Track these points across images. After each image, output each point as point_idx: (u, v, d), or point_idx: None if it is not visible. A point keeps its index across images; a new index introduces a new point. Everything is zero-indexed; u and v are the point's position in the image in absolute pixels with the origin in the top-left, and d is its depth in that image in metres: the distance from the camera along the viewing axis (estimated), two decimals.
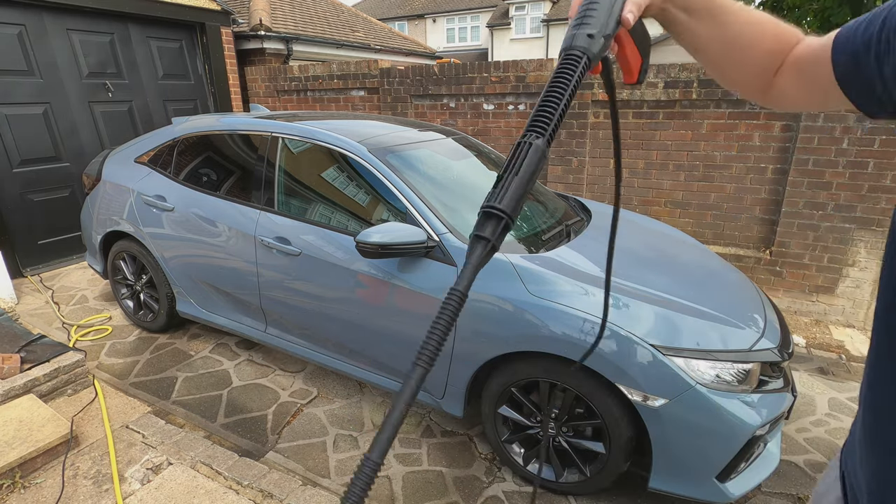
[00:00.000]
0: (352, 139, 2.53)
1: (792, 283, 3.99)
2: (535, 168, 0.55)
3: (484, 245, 0.51)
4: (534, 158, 0.54)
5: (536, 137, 0.54)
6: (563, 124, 4.44)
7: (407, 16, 23.83)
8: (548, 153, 0.54)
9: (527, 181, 0.54)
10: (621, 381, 1.85)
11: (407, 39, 10.39)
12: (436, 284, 2.16)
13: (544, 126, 0.54)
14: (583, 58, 0.57)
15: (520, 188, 0.55)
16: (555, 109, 0.54)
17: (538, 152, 0.54)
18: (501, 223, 0.53)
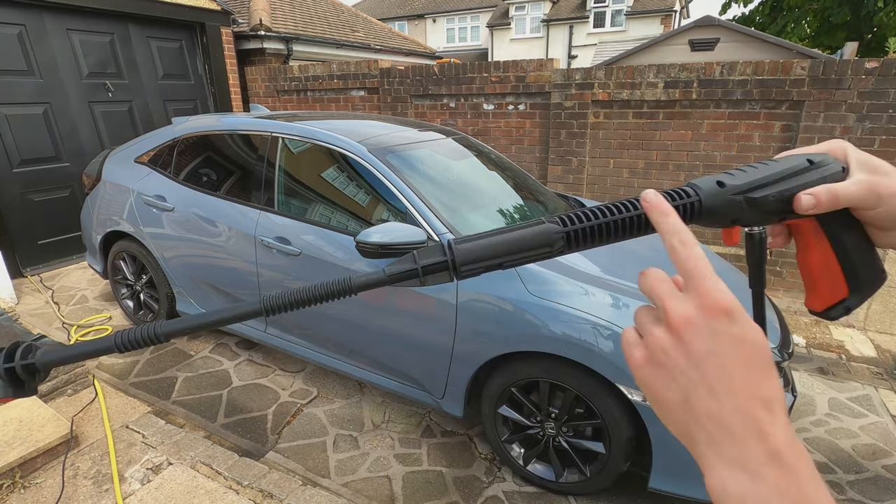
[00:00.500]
0: (352, 139, 2.53)
1: (792, 283, 3.99)
2: (525, 245, 0.42)
3: (411, 271, 0.43)
4: (534, 236, 0.42)
5: (555, 223, 0.42)
6: (563, 123, 4.45)
7: (407, 16, 23.83)
8: (556, 250, 0.42)
9: (504, 250, 0.42)
10: (621, 380, 1.85)
11: (407, 39, 10.39)
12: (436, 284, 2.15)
13: (573, 221, 0.42)
14: (684, 198, 0.44)
15: (490, 249, 0.43)
16: (597, 218, 0.42)
17: (543, 235, 0.41)
18: (441, 265, 0.43)
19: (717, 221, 0.43)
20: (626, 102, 4.19)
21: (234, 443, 2.50)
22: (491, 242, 0.42)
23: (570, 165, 4.55)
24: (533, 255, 0.42)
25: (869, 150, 2.17)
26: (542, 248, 0.42)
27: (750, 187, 0.42)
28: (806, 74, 3.53)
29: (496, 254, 0.43)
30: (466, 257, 0.42)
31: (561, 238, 0.41)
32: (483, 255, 0.42)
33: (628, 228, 0.43)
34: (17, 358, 0.41)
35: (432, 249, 0.43)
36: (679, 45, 9.27)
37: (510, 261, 0.43)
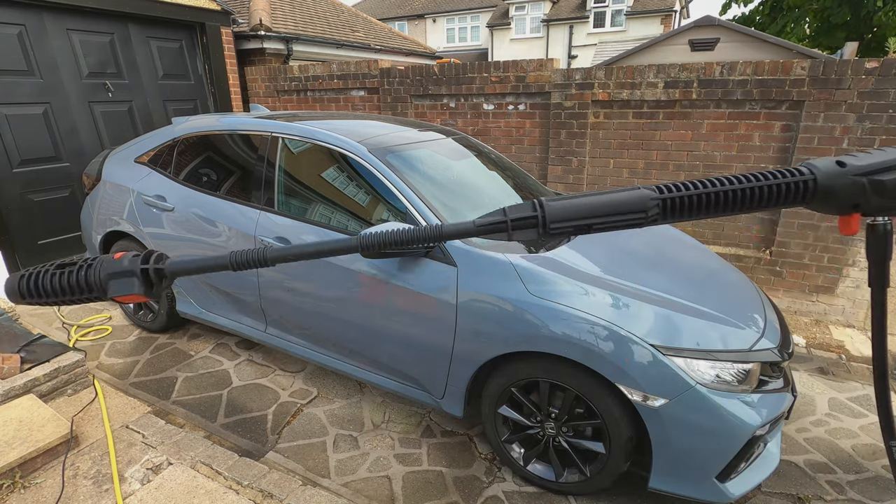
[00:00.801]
0: (352, 139, 2.53)
1: (792, 283, 3.99)
2: (618, 209, 0.41)
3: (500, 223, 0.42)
4: (628, 200, 0.40)
5: (651, 189, 0.40)
6: (563, 123, 4.44)
7: (407, 16, 23.83)
8: (649, 217, 0.40)
9: (596, 211, 0.41)
10: (621, 381, 1.85)
11: (407, 39, 10.39)
12: (436, 284, 2.16)
13: (670, 189, 0.40)
14: (796, 176, 0.39)
15: (582, 209, 0.41)
16: (696, 189, 0.39)
17: (638, 200, 0.40)
18: (531, 220, 0.42)
19: (835, 206, 0.40)
20: (626, 102, 4.19)
21: (234, 443, 2.51)
22: (583, 203, 0.43)
23: (570, 165, 4.55)
24: (625, 220, 0.42)
25: None
26: (636, 213, 0.41)
27: (876, 168, 0.38)
28: (806, 74, 3.53)
29: (587, 214, 0.42)
30: (557, 215, 0.42)
31: (656, 205, 0.41)
32: (573, 215, 0.42)
33: (731, 203, 0.40)
34: (152, 262, 0.47)
35: (523, 206, 0.43)
36: (679, 45, 9.27)
37: (601, 223, 0.42)
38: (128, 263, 0.45)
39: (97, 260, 0.45)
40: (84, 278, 0.43)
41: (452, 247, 2.16)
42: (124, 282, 0.44)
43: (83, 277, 0.43)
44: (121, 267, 0.44)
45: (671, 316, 1.93)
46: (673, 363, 1.80)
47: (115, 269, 0.44)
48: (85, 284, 0.43)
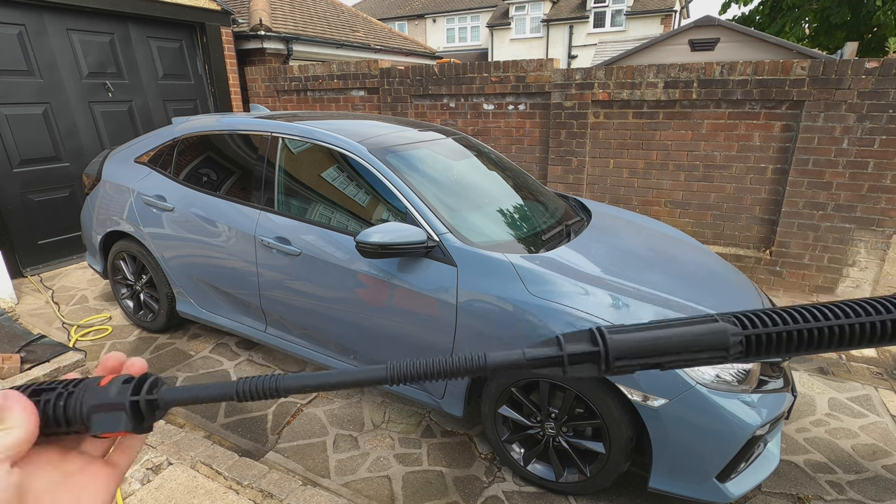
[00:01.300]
0: (352, 139, 2.53)
1: (792, 283, 3.99)
2: (694, 346, 0.35)
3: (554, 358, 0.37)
4: (705, 335, 0.35)
5: (732, 322, 0.35)
6: (563, 123, 4.45)
7: (407, 16, 23.83)
8: (732, 355, 0.34)
9: (668, 348, 0.35)
10: (621, 381, 1.85)
11: (407, 39, 10.39)
12: (436, 284, 2.16)
13: (754, 323, 0.34)
14: None
15: (651, 345, 0.35)
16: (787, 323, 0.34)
17: (717, 336, 0.34)
18: (591, 355, 0.36)
19: None
20: (626, 102, 4.19)
21: (234, 443, 2.51)
22: (652, 337, 0.36)
23: (570, 165, 4.55)
24: (702, 357, 0.35)
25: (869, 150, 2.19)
26: (715, 351, 0.35)
27: None
28: (806, 74, 3.53)
29: (657, 351, 0.35)
30: (621, 351, 0.36)
31: (740, 342, 0.34)
32: (641, 351, 0.36)
33: (831, 340, 0.35)
34: (143, 392, 0.40)
35: (580, 335, 0.37)
36: (679, 45, 9.27)
37: (673, 361, 0.36)
38: (115, 394, 0.39)
39: (79, 387, 0.39)
40: (62, 411, 0.37)
41: (452, 247, 2.16)
42: (110, 416, 0.38)
43: (60, 410, 0.37)
44: (107, 398, 0.38)
45: (671, 316, 1.93)
46: None
47: (100, 401, 0.38)
48: (63, 418, 0.38)
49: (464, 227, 2.27)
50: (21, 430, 0.35)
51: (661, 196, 4.32)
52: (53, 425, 0.38)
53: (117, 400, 0.39)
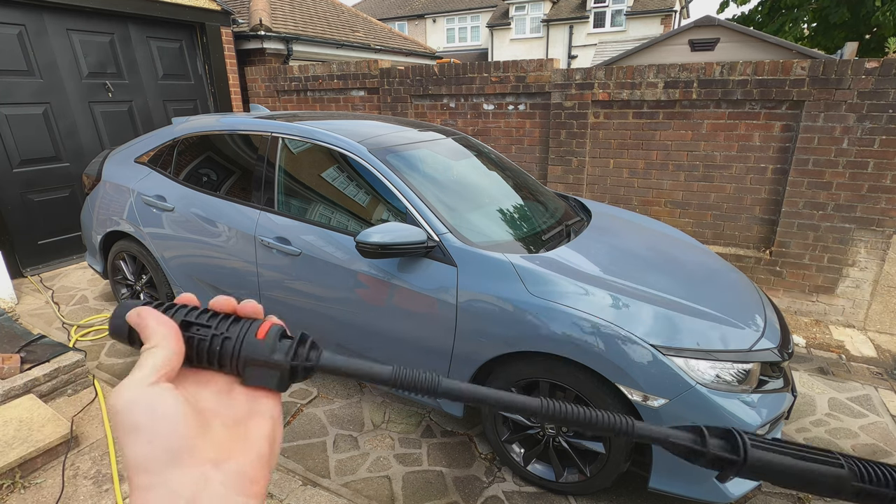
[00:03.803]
0: (352, 139, 2.53)
1: (792, 283, 3.99)
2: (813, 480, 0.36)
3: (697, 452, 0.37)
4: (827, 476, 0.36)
5: (853, 471, 0.35)
6: (563, 123, 4.44)
7: (407, 16, 23.82)
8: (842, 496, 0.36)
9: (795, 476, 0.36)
10: (621, 381, 1.85)
11: (407, 39, 10.39)
12: (436, 284, 2.16)
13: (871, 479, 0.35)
14: None
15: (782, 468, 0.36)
16: None
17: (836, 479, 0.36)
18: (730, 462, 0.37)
19: None
20: (626, 102, 4.19)
21: None
22: (784, 464, 0.37)
23: (570, 165, 4.55)
24: (816, 489, 0.37)
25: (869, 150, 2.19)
26: (829, 489, 0.36)
27: None
28: (806, 74, 3.53)
29: (783, 475, 0.37)
30: (755, 467, 0.37)
31: (854, 492, 0.36)
32: (769, 472, 0.37)
33: None
34: (302, 358, 0.39)
35: (723, 434, 0.38)
36: (679, 45, 9.27)
37: (791, 485, 0.37)
38: (276, 353, 0.38)
39: (241, 329, 0.38)
40: (216, 353, 0.36)
41: (452, 247, 2.16)
42: (265, 372, 0.37)
43: (215, 351, 0.36)
44: (267, 356, 0.37)
45: (671, 316, 1.93)
46: (673, 363, 1.80)
47: (259, 357, 0.37)
48: (217, 357, 0.37)
49: (464, 227, 2.27)
50: (166, 350, 0.34)
51: (661, 196, 4.32)
52: (204, 362, 0.37)
53: (278, 360, 0.38)
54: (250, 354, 0.37)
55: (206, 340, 0.37)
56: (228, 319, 0.39)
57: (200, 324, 0.38)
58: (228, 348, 0.37)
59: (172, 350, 0.34)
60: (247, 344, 0.37)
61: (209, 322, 0.38)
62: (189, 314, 0.38)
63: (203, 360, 0.37)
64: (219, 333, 0.38)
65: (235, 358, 0.37)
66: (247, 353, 0.37)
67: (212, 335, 0.37)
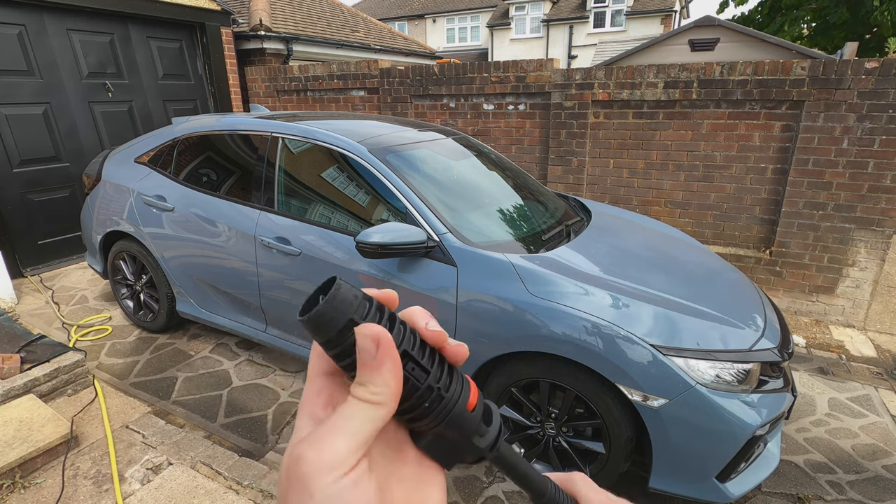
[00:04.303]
0: (352, 139, 2.53)
1: (792, 283, 3.99)
2: None
3: None
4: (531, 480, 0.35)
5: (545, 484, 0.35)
6: (563, 123, 4.45)
7: (407, 16, 23.81)
8: None
9: None
10: (621, 381, 1.85)
11: (407, 39, 10.39)
12: (436, 284, 2.16)
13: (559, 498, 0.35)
14: None
15: None
16: None
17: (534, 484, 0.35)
18: None
19: None
20: (626, 102, 4.19)
21: (234, 443, 2.50)
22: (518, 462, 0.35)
23: (570, 165, 4.55)
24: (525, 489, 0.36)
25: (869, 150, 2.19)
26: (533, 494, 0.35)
27: None
28: (806, 74, 3.53)
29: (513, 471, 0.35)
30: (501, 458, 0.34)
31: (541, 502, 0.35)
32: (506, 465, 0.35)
33: None
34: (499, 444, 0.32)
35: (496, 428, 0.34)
36: (679, 45, 9.26)
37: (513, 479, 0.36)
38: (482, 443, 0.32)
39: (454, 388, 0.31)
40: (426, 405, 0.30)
41: (452, 247, 2.16)
42: (453, 449, 0.32)
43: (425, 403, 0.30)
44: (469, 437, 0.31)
45: (671, 316, 1.93)
46: (673, 363, 1.80)
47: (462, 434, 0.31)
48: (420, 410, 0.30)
49: (464, 227, 2.27)
50: (386, 413, 0.27)
51: (661, 196, 4.32)
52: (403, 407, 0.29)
53: (479, 446, 0.32)
54: (454, 426, 0.30)
55: (419, 389, 0.30)
56: (444, 366, 0.31)
57: (418, 363, 0.30)
58: (436, 408, 0.30)
59: (391, 411, 0.28)
60: (457, 413, 0.30)
61: (426, 363, 0.30)
62: (408, 342, 0.30)
63: (404, 405, 0.30)
64: (435, 386, 0.30)
65: (437, 421, 0.30)
66: (452, 424, 0.30)
67: (427, 386, 0.30)
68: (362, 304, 0.29)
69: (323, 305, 0.28)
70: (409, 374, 0.29)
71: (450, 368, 0.31)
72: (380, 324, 0.29)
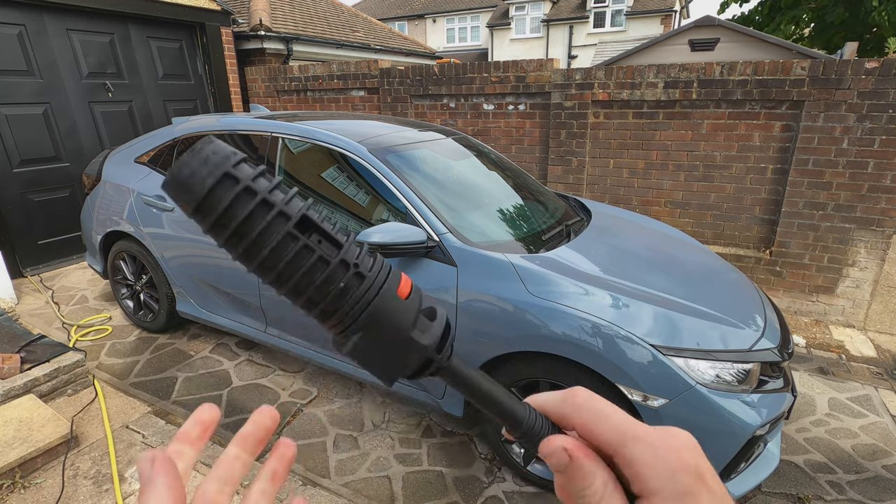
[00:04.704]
0: (352, 139, 2.53)
1: (792, 283, 3.99)
2: None
3: None
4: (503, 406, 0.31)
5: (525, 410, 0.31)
6: (563, 123, 4.45)
7: (407, 16, 23.81)
8: None
9: None
10: (621, 381, 1.85)
11: (407, 39, 10.39)
12: (436, 284, 2.16)
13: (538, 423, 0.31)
14: None
15: None
16: None
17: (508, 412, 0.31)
18: None
19: None
20: (626, 102, 4.19)
21: None
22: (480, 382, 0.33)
23: (570, 165, 4.55)
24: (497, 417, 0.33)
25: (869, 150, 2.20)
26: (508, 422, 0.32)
27: None
28: (806, 74, 3.53)
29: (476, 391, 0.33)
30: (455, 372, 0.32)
31: (521, 432, 0.32)
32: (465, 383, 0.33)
33: None
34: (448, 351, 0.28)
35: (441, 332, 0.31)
36: (679, 45, 9.27)
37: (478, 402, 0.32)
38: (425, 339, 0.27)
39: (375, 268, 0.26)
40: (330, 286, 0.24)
41: (452, 246, 2.16)
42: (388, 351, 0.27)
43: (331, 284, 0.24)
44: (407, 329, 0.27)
45: (671, 316, 1.93)
46: (673, 363, 1.80)
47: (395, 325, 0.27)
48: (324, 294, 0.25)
49: (464, 227, 2.27)
50: None
51: (661, 196, 4.32)
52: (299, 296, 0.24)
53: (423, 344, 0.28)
54: (384, 315, 0.25)
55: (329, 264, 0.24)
56: (362, 245, 0.26)
57: (326, 234, 0.24)
58: (355, 291, 0.24)
59: None
60: (385, 298, 0.25)
61: (339, 236, 0.25)
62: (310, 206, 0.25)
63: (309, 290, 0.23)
64: (351, 262, 0.24)
65: (360, 309, 0.24)
66: (380, 313, 0.25)
67: (340, 260, 0.24)
68: (239, 157, 0.23)
69: (187, 155, 0.22)
70: (314, 246, 0.24)
71: (371, 251, 0.25)
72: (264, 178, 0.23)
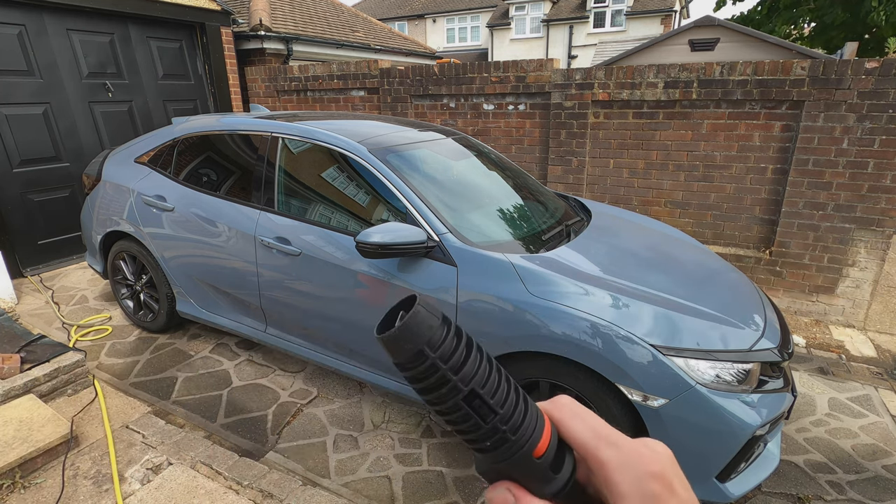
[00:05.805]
0: (352, 139, 2.53)
1: (792, 283, 3.99)
2: None
3: None
4: None
5: None
6: (563, 123, 4.45)
7: (407, 16, 23.81)
8: None
9: None
10: (621, 381, 1.85)
11: (407, 39, 10.38)
12: (436, 284, 2.16)
13: None
14: None
15: None
16: None
17: None
18: None
19: None
20: (626, 102, 4.19)
21: (234, 443, 2.50)
22: None
23: (570, 165, 4.55)
24: None
25: (869, 150, 2.20)
26: None
27: None
28: (806, 74, 3.53)
29: None
30: None
31: None
32: None
33: None
34: None
35: None
36: (679, 45, 9.27)
37: None
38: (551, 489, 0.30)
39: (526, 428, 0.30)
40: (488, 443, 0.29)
41: (452, 246, 2.16)
42: None
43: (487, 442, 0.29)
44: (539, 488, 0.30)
45: (671, 316, 1.93)
46: (673, 363, 1.80)
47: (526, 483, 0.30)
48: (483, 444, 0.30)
49: (464, 227, 2.27)
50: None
51: (661, 196, 4.32)
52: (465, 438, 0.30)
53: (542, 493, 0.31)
54: (516, 469, 0.29)
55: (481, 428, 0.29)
56: (518, 406, 0.30)
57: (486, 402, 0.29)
58: (498, 449, 0.29)
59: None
60: (520, 458, 0.29)
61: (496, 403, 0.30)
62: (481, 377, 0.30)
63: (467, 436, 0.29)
64: (501, 427, 0.29)
65: (498, 460, 0.29)
66: (514, 467, 0.29)
67: (492, 426, 0.29)
68: (438, 331, 0.28)
69: (396, 330, 0.28)
70: (474, 410, 0.29)
71: (525, 407, 0.31)
72: (454, 353, 0.28)
